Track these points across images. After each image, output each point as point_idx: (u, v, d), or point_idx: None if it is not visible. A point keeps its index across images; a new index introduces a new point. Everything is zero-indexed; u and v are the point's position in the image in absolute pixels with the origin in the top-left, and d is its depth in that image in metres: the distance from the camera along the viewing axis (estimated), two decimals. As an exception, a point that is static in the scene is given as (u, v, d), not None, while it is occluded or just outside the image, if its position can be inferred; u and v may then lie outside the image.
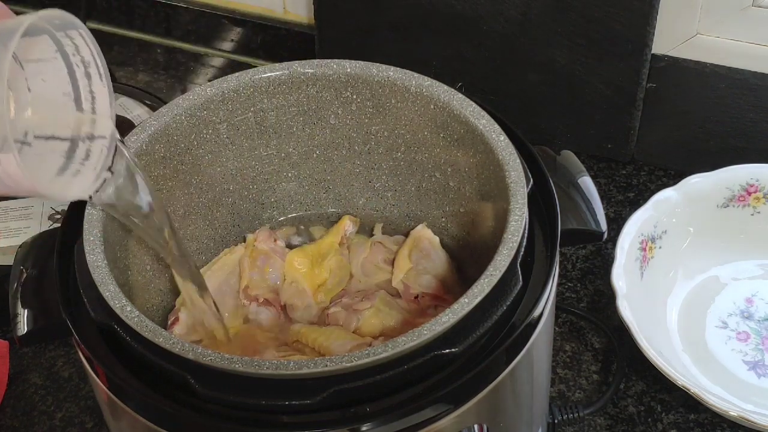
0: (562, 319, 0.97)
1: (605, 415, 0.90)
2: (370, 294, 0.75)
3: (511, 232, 0.62)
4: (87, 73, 0.59)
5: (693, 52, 1.03)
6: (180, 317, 0.73)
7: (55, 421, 0.92)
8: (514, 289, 0.61)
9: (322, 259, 0.77)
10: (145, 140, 0.70)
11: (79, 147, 0.60)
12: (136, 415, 0.61)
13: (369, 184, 0.80)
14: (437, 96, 0.71)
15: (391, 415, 0.58)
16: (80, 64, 0.59)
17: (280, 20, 1.24)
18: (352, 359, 0.56)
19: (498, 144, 0.68)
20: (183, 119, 0.72)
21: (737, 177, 0.97)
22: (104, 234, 0.65)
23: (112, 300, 0.61)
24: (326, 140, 0.78)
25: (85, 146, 0.60)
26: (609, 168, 1.11)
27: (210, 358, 0.57)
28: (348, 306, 0.74)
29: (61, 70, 0.58)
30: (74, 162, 0.60)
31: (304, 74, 0.74)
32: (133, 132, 0.70)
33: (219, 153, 0.75)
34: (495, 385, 0.62)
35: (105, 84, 0.60)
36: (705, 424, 0.88)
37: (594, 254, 1.03)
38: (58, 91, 0.59)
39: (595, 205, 0.71)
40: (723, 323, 0.94)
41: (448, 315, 0.58)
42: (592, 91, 1.07)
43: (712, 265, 0.98)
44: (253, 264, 0.77)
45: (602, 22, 1.02)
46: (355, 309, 0.73)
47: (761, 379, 0.90)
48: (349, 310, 0.73)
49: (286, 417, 0.58)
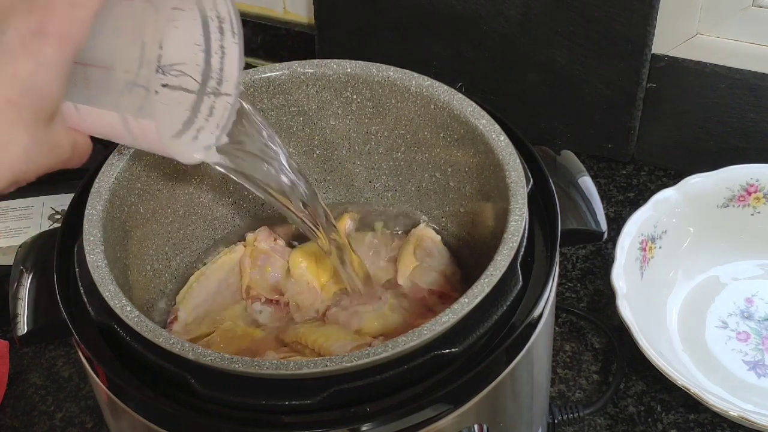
0: (562, 319, 0.97)
1: (605, 415, 0.90)
2: (373, 298, 0.75)
3: (511, 232, 0.62)
4: (221, 27, 0.58)
5: (693, 52, 1.03)
6: (179, 315, 0.74)
7: (55, 421, 0.92)
8: (514, 289, 0.61)
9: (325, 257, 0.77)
10: (145, 140, 0.70)
11: (204, 102, 0.59)
12: (136, 415, 0.61)
13: (369, 184, 0.80)
14: (437, 96, 0.71)
15: (391, 415, 0.58)
16: (215, 18, 0.58)
17: (280, 20, 1.24)
18: (352, 359, 0.56)
19: (498, 144, 0.68)
20: (183, 119, 0.72)
21: (737, 177, 0.97)
22: (104, 234, 0.65)
23: (112, 300, 0.61)
24: (326, 140, 0.78)
25: (210, 101, 0.59)
26: (609, 168, 1.11)
27: (210, 358, 0.57)
28: (348, 307, 0.74)
29: (195, 20, 0.58)
30: (199, 117, 0.59)
31: (304, 74, 0.74)
32: (133, 132, 0.70)
33: (219, 153, 0.75)
34: (495, 385, 0.62)
35: (237, 42, 0.59)
36: (705, 424, 0.88)
37: (594, 254, 1.03)
38: (189, 39, 0.58)
39: (595, 205, 0.71)
40: (723, 323, 0.94)
41: (448, 315, 0.58)
42: (592, 91, 1.07)
43: (712, 265, 0.98)
44: (253, 264, 0.77)
45: (602, 22, 1.02)
46: (356, 311, 0.73)
47: (761, 379, 0.90)
48: (350, 311, 0.73)
49: (286, 417, 0.58)
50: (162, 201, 0.73)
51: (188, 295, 0.75)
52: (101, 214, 0.65)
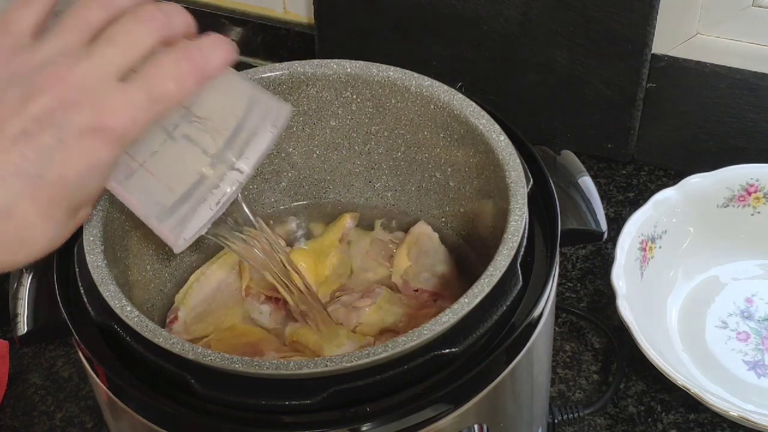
0: (562, 319, 0.97)
1: (605, 415, 0.90)
2: (370, 291, 0.75)
3: (511, 232, 0.62)
4: (263, 116, 0.56)
5: (693, 52, 1.03)
6: (179, 315, 0.74)
7: (55, 421, 0.92)
8: (514, 289, 0.61)
9: (324, 256, 0.77)
10: (145, 140, 0.70)
11: (200, 189, 0.55)
12: (136, 415, 0.61)
13: (369, 184, 0.80)
14: (437, 96, 0.71)
15: (391, 415, 0.58)
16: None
17: (280, 20, 1.24)
18: (352, 359, 0.56)
19: (498, 144, 0.68)
20: (183, 119, 0.72)
21: (737, 177, 0.97)
22: (104, 234, 0.65)
23: (112, 300, 0.61)
24: (326, 140, 0.78)
25: (208, 189, 0.56)
26: (609, 168, 1.11)
27: (210, 358, 0.57)
28: (347, 304, 0.74)
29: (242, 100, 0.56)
30: (190, 200, 0.56)
31: (304, 74, 0.74)
32: (134, 132, 0.70)
33: (219, 153, 0.75)
34: (495, 385, 0.62)
35: (272, 132, 0.56)
36: (705, 424, 0.88)
37: (594, 254, 1.03)
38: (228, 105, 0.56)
39: (595, 205, 0.71)
40: (723, 323, 0.94)
41: (448, 315, 0.58)
42: (592, 91, 1.07)
43: (712, 265, 0.98)
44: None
45: (602, 22, 1.02)
46: (355, 306, 0.73)
47: (761, 379, 0.90)
48: (349, 307, 0.73)
49: (286, 417, 0.58)
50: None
51: (188, 295, 0.75)
52: (101, 214, 0.65)
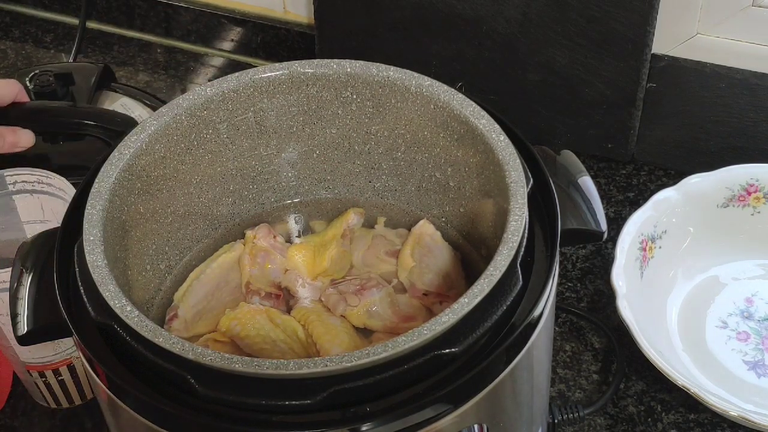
0: (562, 319, 0.97)
1: (605, 415, 0.90)
2: (368, 284, 0.74)
3: (511, 232, 0.62)
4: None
5: (693, 52, 1.03)
6: (178, 313, 0.73)
7: (55, 421, 0.92)
8: (514, 289, 0.61)
9: (324, 249, 0.77)
10: (145, 140, 0.70)
11: None
12: (136, 415, 0.61)
13: (369, 184, 0.80)
14: (437, 96, 0.71)
15: (391, 415, 0.58)
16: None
17: (280, 20, 1.24)
18: (352, 359, 0.56)
19: (498, 144, 0.68)
20: (183, 119, 0.72)
21: (737, 177, 0.97)
22: (104, 234, 0.65)
23: (112, 300, 0.61)
24: (326, 140, 0.78)
25: None
26: (609, 168, 1.11)
27: (210, 358, 0.57)
28: (343, 292, 0.74)
29: None
30: None
31: (304, 74, 0.74)
32: (133, 132, 0.70)
33: (219, 153, 0.75)
34: (495, 385, 0.62)
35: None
36: (705, 424, 0.88)
37: (594, 254, 1.03)
38: None
39: (595, 205, 0.71)
40: (723, 323, 0.94)
41: (448, 315, 0.58)
42: (592, 91, 1.07)
43: (712, 265, 0.98)
44: (253, 261, 0.77)
45: (602, 22, 1.02)
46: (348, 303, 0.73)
47: (761, 379, 0.90)
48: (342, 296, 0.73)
49: (286, 417, 0.58)
50: (162, 201, 0.73)
51: (188, 294, 0.75)
52: (101, 214, 0.65)
